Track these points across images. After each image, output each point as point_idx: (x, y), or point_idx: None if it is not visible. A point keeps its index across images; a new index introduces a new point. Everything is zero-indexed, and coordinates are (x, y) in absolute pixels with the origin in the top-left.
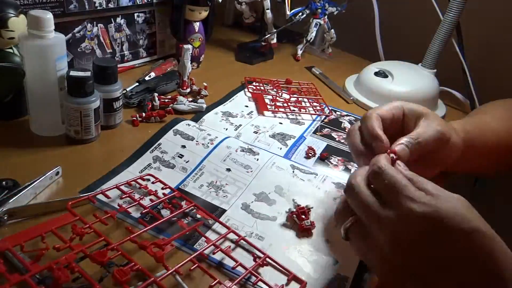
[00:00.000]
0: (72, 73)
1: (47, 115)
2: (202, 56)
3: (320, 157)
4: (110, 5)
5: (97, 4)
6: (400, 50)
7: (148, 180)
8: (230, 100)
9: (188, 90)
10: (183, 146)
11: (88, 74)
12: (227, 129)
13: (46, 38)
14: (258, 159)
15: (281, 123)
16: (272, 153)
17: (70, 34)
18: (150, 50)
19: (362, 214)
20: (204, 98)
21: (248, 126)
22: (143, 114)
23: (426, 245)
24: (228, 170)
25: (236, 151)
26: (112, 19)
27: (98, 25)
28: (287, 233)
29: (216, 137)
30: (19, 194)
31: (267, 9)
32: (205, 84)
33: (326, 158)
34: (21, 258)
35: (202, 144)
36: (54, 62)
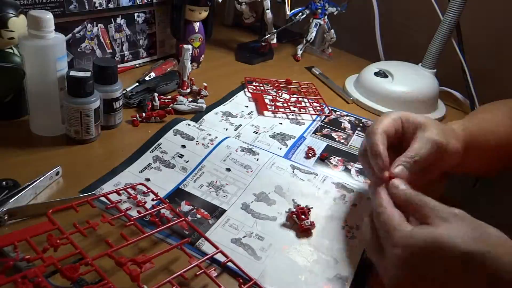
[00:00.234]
0: (72, 73)
1: (47, 115)
2: (202, 56)
3: (320, 157)
4: (110, 5)
5: (97, 4)
6: (400, 50)
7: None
8: (230, 100)
9: (188, 90)
10: (183, 146)
11: (88, 74)
12: (227, 129)
13: (46, 38)
14: (258, 159)
15: (281, 123)
16: (272, 153)
17: (70, 34)
18: (150, 50)
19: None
20: (204, 98)
21: (248, 126)
22: (143, 114)
23: (423, 277)
24: (228, 170)
25: (236, 151)
26: (112, 19)
27: (98, 25)
28: (287, 233)
29: (216, 137)
30: (19, 194)
31: (267, 9)
32: (205, 84)
33: (326, 158)
34: None
35: (202, 144)
36: (54, 62)
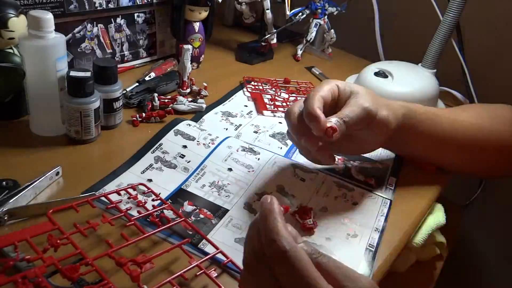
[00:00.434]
0: (72, 73)
1: (47, 115)
2: (202, 56)
3: None
4: (110, 5)
5: (97, 4)
6: (400, 50)
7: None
8: (229, 99)
9: (188, 90)
10: (184, 146)
11: (88, 74)
12: (227, 129)
13: (46, 38)
14: (259, 159)
15: (280, 123)
16: (273, 152)
17: (70, 34)
18: (150, 50)
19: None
20: (204, 98)
21: (248, 126)
22: (143, 114)
23: None
24: (229, 170)
25: (237, 151)
26: (112, 19)
27: (98, 25)
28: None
29: (217, 137)
30: (19, 194)
31: (267, 9)
32: (205, 84)
33: None
34: None
35: (203, 144)
36: (54, 62)
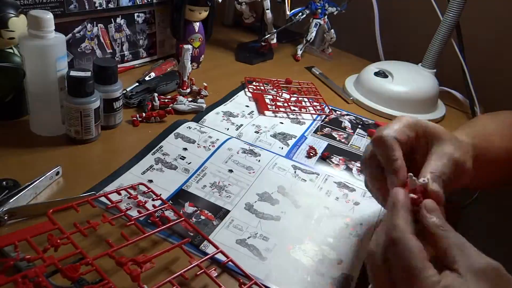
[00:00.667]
0: (72, 73)
1: (47, 115)
2: (202, 56)
3: (321, 156)
4: (110, 5)
5: (97, 4)
6: (400, 50)
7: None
8: (230, 100)
9: (188, 90)
10: (185, 149)
11: (88, 74)
12: (228, 129)
13: (46, 38)
14: (259, 160)
15: (282, 123)
16: (273, 153)
17: (70, 34)
18: (150, 50)
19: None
20: (204, 98)
21: (249, 126)
22: (143, 114)
23: None
24: (230, 171)
25: (237, 153)
26: (112, 19)
27: (98, 25)
28: (292, 233)
29: (217, 139)
30: (19, 194)
31: (267, 9)
32: (205, 84)
33: (327, 157)
34: None
35: (204, 146)
36: (54, 62)
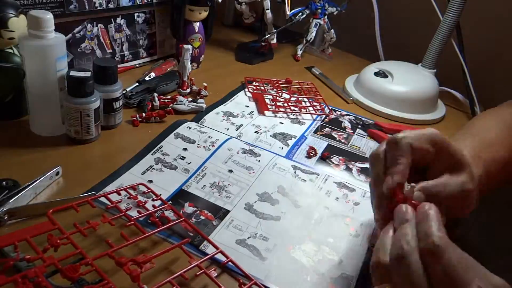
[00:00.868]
0: (72, 73)
1: (47, 115)
2: (202, 56)
3: (321, 156)
4: (110, 5)
5: (97, 4)
6: (400, 50)
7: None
8: (230, 100)
9: (188, 90)
10: (185, 149)
11: (88, 74)
12: (228, 129)
13: (46, 38)
14: (259, 161)
15: (281, 123)
16: (273, 153)
17: (70, 34)
18: (150, 50)
19: None
20: (204, 98)
21: (249, 126)
22: (143, 114)
23: None
24: (230, 171)
25: (237, 153)
26: (112, 19)
27: (98, 25)
28: (292, 233)
29: (217, 139)
30: (19, 194)
31: (267, 9)
32: (205, 84)
33: (327, 157)
34: None
35: (204, 147)
36: (54, 62)
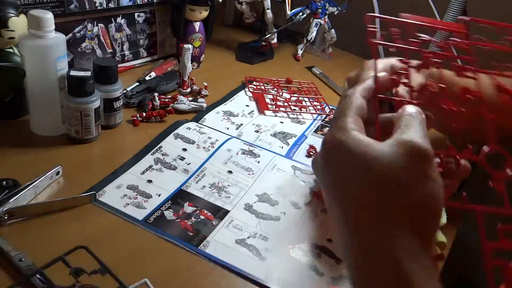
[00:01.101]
0: (72, 73)
1: (47, 115)
2: (203, 56)
3: None
4: (110, 5)
5: (97, 4)
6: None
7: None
8: (230, 99)
9: (188, 90)
10: (184, 150)
11: (88, 74)
12: (228, 128)
13: (47, 38)
14: (259, 162)
15: (282, 122)
16: (273, 152)
17: (70, 34)
18: (150, 50)
19: None
20: (204, 98)
21: (249, 125)
22: (144, 114)
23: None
24: (229, 172)
25: (237, 154)
26: (112, 19)
27: (99, 25)
28: (292, 233)
29: (216, 140)
30: (19, 194)
31: (268, 9)
32: (205, 83)
33: None
34: None
35: (203, 147)
36: (54, 62)
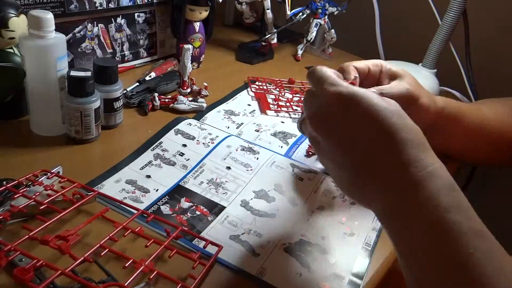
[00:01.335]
0: (72, 73)
1: (48, 115)
2: (203, 56)
3: None
4: (110, 5)
5: (97, 4)
6: (400, 50)
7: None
8: (232, 98)
9: (188, 90)
10: (184, 145)
11: (88, 74)
12: (229, 127)
13: (47, 38)
14: (258, 158)
15: (282, 122)
16: (272, 151)
17: (70, 34)
18: (150, 50)
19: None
20: (204, 98)
21: (249, 124)
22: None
23: (335, 121)
24: (228, 168)
25: (236, 150)
26: (112, 19)
27: (99, 25)
28: (287, 230)
29: (216, 136)
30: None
31: (268, 9)
32: (205, 84)
33: None
34: None
35: (203, 143)
36: (54, 62)
